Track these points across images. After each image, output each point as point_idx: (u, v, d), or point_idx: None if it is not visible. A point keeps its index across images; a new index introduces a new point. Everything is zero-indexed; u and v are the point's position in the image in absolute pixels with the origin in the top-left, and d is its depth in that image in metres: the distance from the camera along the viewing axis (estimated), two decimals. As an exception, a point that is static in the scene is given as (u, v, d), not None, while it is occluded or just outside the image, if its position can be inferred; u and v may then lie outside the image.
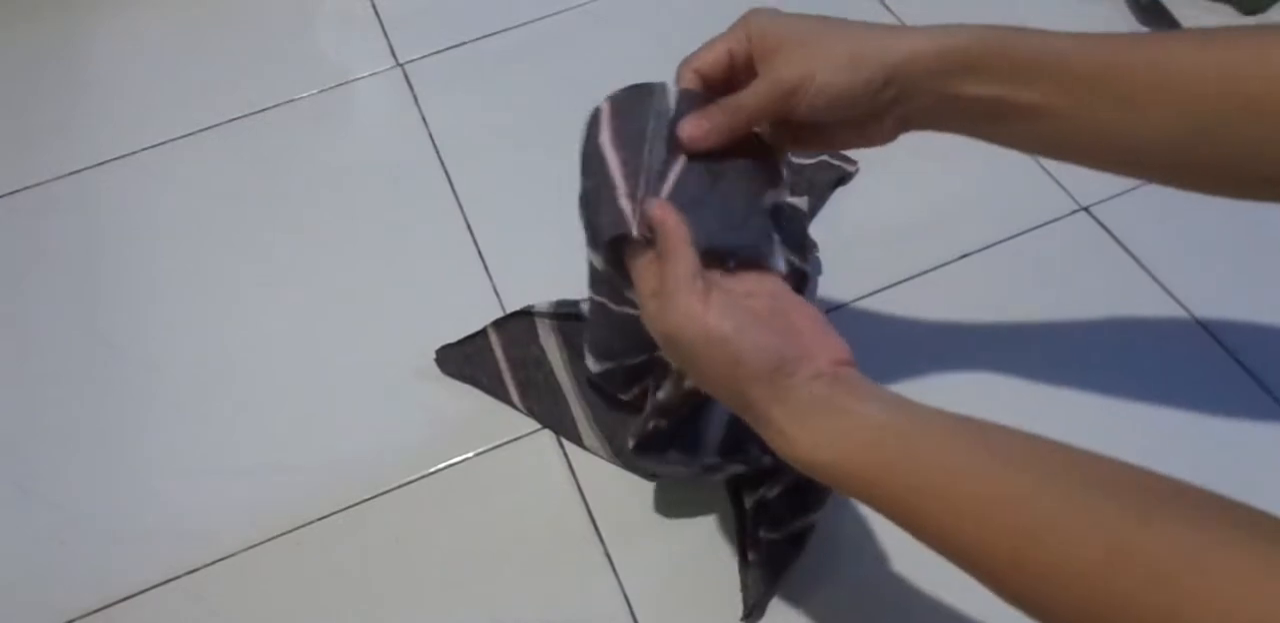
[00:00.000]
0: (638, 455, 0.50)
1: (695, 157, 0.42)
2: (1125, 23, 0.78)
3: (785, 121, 0.43)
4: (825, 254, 0.65)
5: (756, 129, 0.44)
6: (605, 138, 0.43)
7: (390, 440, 0.62)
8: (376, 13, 0.87)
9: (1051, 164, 0.70)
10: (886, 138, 0.44)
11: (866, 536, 0.56)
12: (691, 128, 0.41)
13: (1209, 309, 0.63)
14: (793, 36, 0.40)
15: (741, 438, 0.50)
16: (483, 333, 0.65)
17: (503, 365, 0.63)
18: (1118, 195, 0.69)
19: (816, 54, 0.39)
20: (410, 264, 0.70)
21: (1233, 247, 0.66)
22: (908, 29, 0.41)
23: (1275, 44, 0.37)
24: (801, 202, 0.67)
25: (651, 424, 0.48)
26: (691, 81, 0.43)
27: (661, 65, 0.46)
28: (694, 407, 0.49)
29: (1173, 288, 0.64)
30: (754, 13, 0.42)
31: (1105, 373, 0.61)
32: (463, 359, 0.64)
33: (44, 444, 0.64)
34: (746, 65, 0.43)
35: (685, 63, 0.43)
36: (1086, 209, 0.69)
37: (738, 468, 0.52)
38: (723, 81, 0.43)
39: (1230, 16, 0.77)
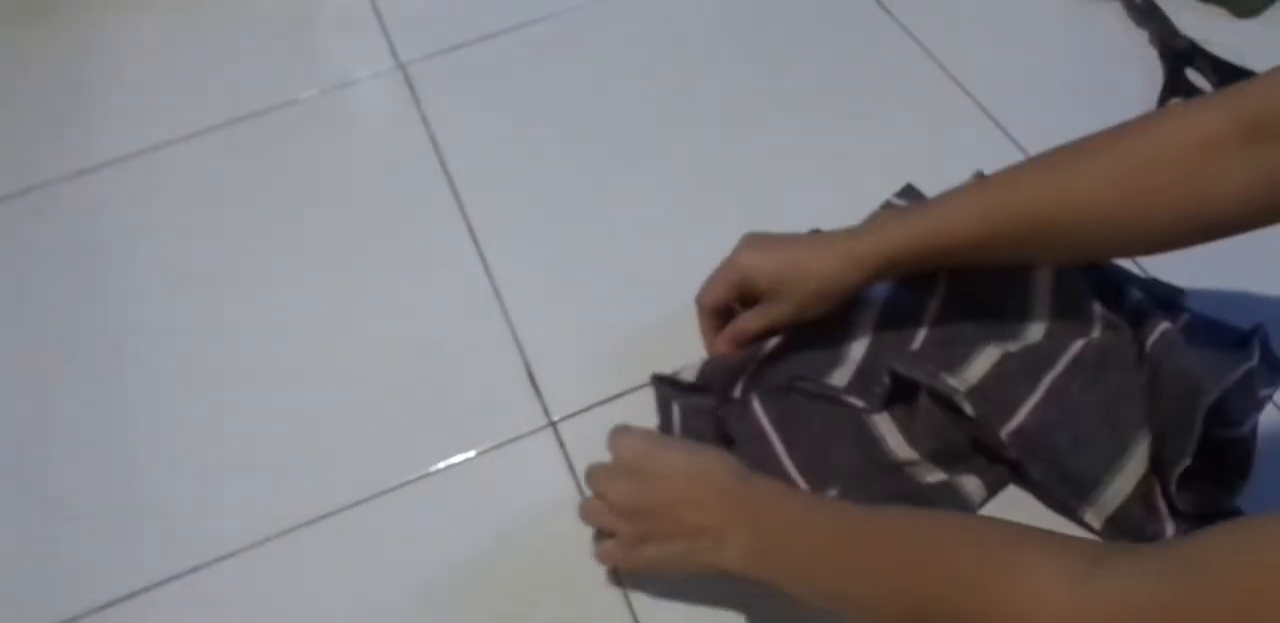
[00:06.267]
0: None
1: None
2: (1121, 23, 0.78)
3: None
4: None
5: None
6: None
7: (390, 440, 0.62)
8: (377, 13, 0.87)
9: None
10: None
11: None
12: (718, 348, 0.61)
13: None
14: (774, 284, 0.57)
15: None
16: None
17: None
18: None
19: (796, 295, 0.56)
20: (410, 265, 0.70)
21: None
22: (844, 250, 0.55)
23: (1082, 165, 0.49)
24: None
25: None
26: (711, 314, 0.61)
27: (660, 66, 0.46)
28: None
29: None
30: (742, 261, 0.58)
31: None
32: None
33: (45, 444, 0.64)
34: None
35: (698, 300, 0.61)
36: None
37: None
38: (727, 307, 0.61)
39: (1224, 18, 0.77)
